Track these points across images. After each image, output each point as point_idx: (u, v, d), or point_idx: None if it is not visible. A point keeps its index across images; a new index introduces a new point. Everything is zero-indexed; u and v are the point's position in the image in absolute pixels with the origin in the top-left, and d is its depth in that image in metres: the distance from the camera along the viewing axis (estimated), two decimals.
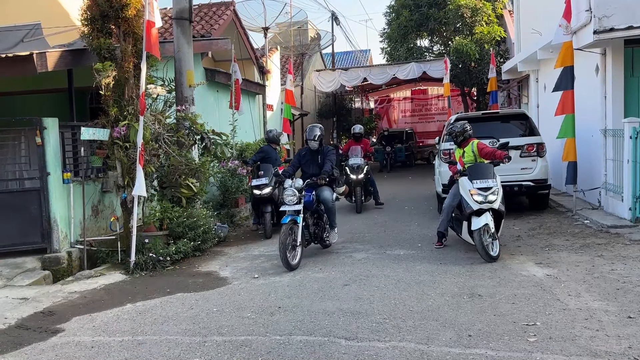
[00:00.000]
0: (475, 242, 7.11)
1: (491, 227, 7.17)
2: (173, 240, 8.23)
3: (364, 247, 8.59)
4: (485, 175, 7.42)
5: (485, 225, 7.09)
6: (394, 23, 22.33)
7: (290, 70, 16.15)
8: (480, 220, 7.11)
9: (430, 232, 9.44)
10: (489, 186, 7.28)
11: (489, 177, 7.37)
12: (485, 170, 7.51)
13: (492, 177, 7.40)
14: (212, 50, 12.52)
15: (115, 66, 7.53)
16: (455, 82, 20.96)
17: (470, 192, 7.32)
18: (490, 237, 7.20)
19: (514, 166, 10.32)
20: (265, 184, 9.74)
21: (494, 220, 7.27)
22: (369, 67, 22.07)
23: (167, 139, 7.89)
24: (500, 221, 7.56)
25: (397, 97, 33.70)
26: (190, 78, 9.73)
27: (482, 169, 7.53)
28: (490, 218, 7.18)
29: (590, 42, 9.24)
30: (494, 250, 7.20)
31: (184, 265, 7.96)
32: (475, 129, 10.81)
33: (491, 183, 7.32)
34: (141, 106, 7.33)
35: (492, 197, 7.24)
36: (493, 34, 19.93)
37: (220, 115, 13.03)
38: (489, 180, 7.34)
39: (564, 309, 5.23)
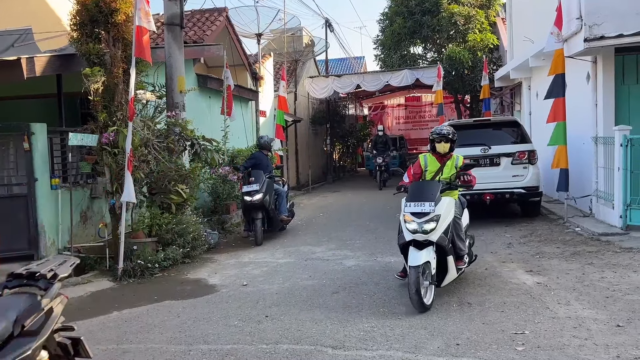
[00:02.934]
0: (409, 281, 5.46)
1: (432, 267, 5.66)
2: (162, 247, 8.16)
3: (355, 254, 8.54)
4: (425, 196, 5.82)
5: (425, 264, 5.55)
6: (388, 30, 22.37)
7: (283, 76, 16.12)
8: (419, 256, 5.56)
9: None
10: (425, 211, 5.66)
11: (427, 199, 5.75)
12: (426, 189, 5.96)
13: (433, 199, 5.75)
14: (204, 56, 12.50)
15: (104, 72, 7.49)
16: (448, 89, 20.99)
17: (404, 217, 5.85)
18: (428, 280, 5.61)
19: (505, 173, 10.36)
20: (256, 190, 9.69)
21: (438, 258, 5.77)
22: (362, 73, 22.11)
23: (156, 145, 7.83)
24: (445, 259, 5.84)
25: (391, 104, 33.83)
26: (181, 84, 9.69)
27: (423, 188, 6.01)
28: (432, 255, 5.66)
29: (581, 50, 9.27)
30: (428, 298, 5.58)
31: (173, 272, 7.89)
32: (467, 136, 10.89)
33: (428, 207, 5.68)
34: (130, 112, 7.28)
35: (429, 226, 5.63)
36: (486, 41, 19.98)
37: (212, 121, 12.98)
38: (425, 204, 5.70)
39: (553, 317, 5.20)
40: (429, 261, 5.59)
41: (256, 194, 9.67)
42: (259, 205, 9.70)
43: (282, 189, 10.63)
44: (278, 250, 9.15)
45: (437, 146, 6.37)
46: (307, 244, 9.56)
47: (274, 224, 10.25)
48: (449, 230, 5.85)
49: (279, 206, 10.36)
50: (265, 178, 9.95)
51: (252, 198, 9.66)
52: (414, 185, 6.16)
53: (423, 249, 5.63)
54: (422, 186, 6.10)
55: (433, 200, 5.73)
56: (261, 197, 9.67)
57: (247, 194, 9.73)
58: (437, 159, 6.40)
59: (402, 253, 5.98)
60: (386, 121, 33.58)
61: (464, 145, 10.54)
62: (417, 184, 6.18)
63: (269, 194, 9.90)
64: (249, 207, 9.81)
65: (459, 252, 6.05)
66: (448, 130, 6.43)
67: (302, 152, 22.57)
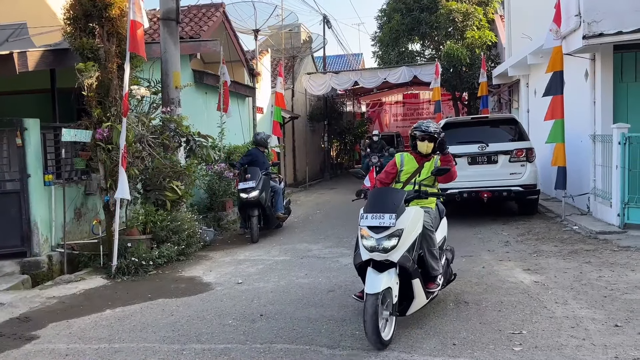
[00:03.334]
0: (364, 311, 4.41)
1: (394, 294, 4.58)
2: (157, 245, 8.09)
3: (351, 252, 8.38)
4: (385, 206, 4.70)
5: (386, 291, 4.49)
6: (386, 27, 22.29)
7: (280, 72, 16.04)
8: (377, 281, 4.48)
9: None
10: (385, 225, 4.56)
11: (388, 210, 4.63)
12: (387, 198, 4.83)
13: (394, 209, 4.63)
14: (200, 52, 12.40)
15: (98, 67, 7.39)
16: (446, 87, 20.93)
17: (360, 231, 4.78)
18: (389, 310, 4.59)
19: (503, 171, 10.31)
20: (252, 187, 9.62)
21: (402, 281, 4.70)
22: (360, 70, 22.02)
23: (151, 141, 7.74)
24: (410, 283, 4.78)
25: (389, 101, 33.74)
26: (176, 79, 9.60)
27: (383, 196, 4.88)
28: (394, 279, 4.57)
29: (579, 47, 9.20)
30: (387, 332, 4.56)
31: (167, 269, 7.82)
32: (465, 133, 10.86)
33: (388, 220, 4.56)
34: (124, 107, 7.19)
35: (389, 243, 4.54)
36: (484, 38, 19.91)
37: (208, 117, 12.90)
38: (385, 216, 4.59)
39: (550, 317, 5.14)
40: (390, 287, 4.53)
41: (252, 191, 9.60)
42: (255, 203, 9.63)
43: (279, 186, 10.57)
44: (274, 248, 9.08)
45: (418, 145, 5.42)
46: (304, 242, 9.50)
47: (270, 221, 10.18)
48: (415, 247, 4.79)
49: (276, 203, 10.30)
50: (261, 175, 9.88)
51: (248, 195, 9.58)
52: (373, 193, 5.05)
53: (384, 271, 4.56)
54: (383, 194, 4.99)
55: (394, 212, 4.61)
56: (257, 194, 9.60)
57: (243, 190, 9.65)
58: (416, 158, 5.48)
59: (360, 275, 5.00)
60: (384, 118, 33.54)
61: (461, 143, 10.53)
62: (377, 191, 5.08)
63: (265, 191, 9.83)
64: (245, 204, 9.73)
65: (431, 272, 5.01)
66: (435, 127, 5.42)
67: (300, 149, 22.51)
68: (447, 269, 5.64)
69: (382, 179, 5.58)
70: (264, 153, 10.62)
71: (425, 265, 4.99)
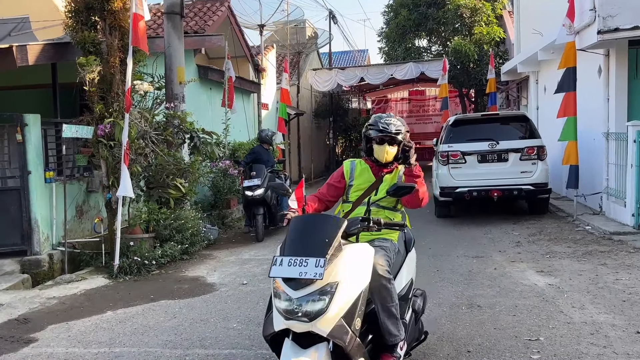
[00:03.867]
0: None
1: None
2: (160, 243, 7.91)
3: None
4: (311, 245, 2.94)
5: None
6: (392, 22, 22.03)
7: (286, 68, 15.85)
8: None
9: (427, 237, 9.16)
10: (308, 276, 2.80)
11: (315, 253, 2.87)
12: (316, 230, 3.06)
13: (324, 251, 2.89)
14: (205, 47, 12.21)
15: (100, 61, 7.20)
16: (453, 83, 20.68)
17: (274, 284, 3.00)
18: None
19: (513, 169, 10.08)
20: (257, 185, 9.45)
21: None
22: (366, 66, 21.76)
23: (154, 138, 7.55)
24: None
25: (395, 97, 33.44)
26: (180, 75, 9.42)
27: (310, 228, 3.10)
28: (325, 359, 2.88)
29: (594, 42, 8.96)
30: None
31: (171, 269, 7.64)
32: (475, 130, 10.64)
33: (312, 270, 2.80)
34: (127, 103, 7.01)
35: (314, 307, 2.83)
36: (492, 34, 19.64)
37: (213, 113, 12.71)
38: (309, 262, 2.82)
39: (568, 322, 4.94)
40: None
41: (257, 189, 9.43)
42: (260, 200, 9.45)
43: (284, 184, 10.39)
44: None
45: (375, 149, 3.78)
46: None
47: (276, 219, 10.01)
48: (358, 309, 3.00)
49: (281, 201, 10.12)
50: (266, 173, 9.74)
51: (253, 193, 9.42)
52: (295, 223, 3.18)
53: (309, 347, 2.90)
54: (310, 224, 3.16)
55: (324, 254, 2.88)
56: (262, 192, 9.43)
57: (248, 188, 9.49)
58: (372, 169, 3.85)
59: (273, 350, 3.16)
60: None
61: (471, 140, 10.32)
62: (301, 220, 3.21)
63: (270, 187, 9.65)
64: (250, 202, 9.56)
65: (387, 338, 3.36)
66: (398, 125, 3.74)
67: (305, 145, 22.30)
68: (415, 327, 3.96)
69: (321, 197, 3.88)
70: (268, 150, 10.45)
71: (383, 328, 3.35)
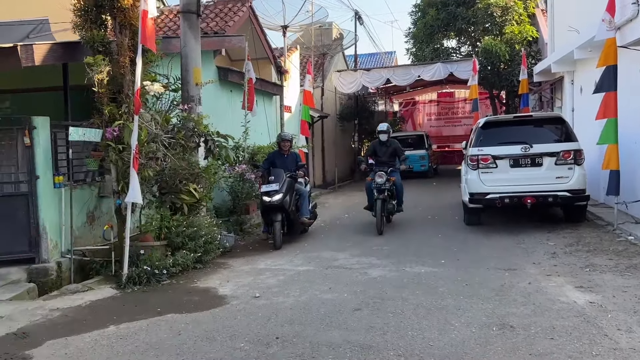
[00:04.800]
0: None
1: None
2: (171, 252, 7.55)
3: (381, 262, 7.78)
4: None
5: None
6: (420, 22, 21.47)
7: (309, 70, 15.44)
8: None
9: (455, 246, 8.61)
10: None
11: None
12: None
13: None
14: (224, 47, 11.86)
15: (109, 61, 6.89)
16: (483, 85, 20.01)
17: None
18: None
19: (548, 174, 9.46)
20: (275, 191, 9.03)
21: None
22: (393, 67, 21.19)
23: (165, 141, 7.19)
24: None
25: (423, 99, 32.80)
26: (197, 76, 9.08)
27: None
28: None
29: (637, 38, 8.31)
30: None
31: (182, 279, 7.27)
32: (507, 133, 10.04)
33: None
34: (136, 104, 6.66)
35: None
36: (524, 33, 18.92)
37: (233, 116, 12.36)
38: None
39: (614, 348, 4.37)
40: None
41: (275, 195, 9.01)
42: (278, 207, 9.02)
43: (304, 189, 9.93)
44: (297, 256, 8.45)
45: None
46: (329, 249, 8.84)
47: (294, 226, 9.58)
48: None
49: (300, 207, 9.71)
50: (285, 177, 9.28)
51: (271, 199, 9.00)
52: None
53: None
54: None
55: None
56: (281, 198, 9.00)
57: (266, 194, 9.08)
58: None
59: None
60: (417, 118, 32.61)
61: (503, 144, 9.74)
62: None
63: (289, 194, 9.22)
64: (267, 208, 9.13)
65: None
66: None
67: (329, 149, 21.86)
68: None
69: None
70: (286, 154, 9.94)
71: None
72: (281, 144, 9.87)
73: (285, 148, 9.87)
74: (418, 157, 20.48)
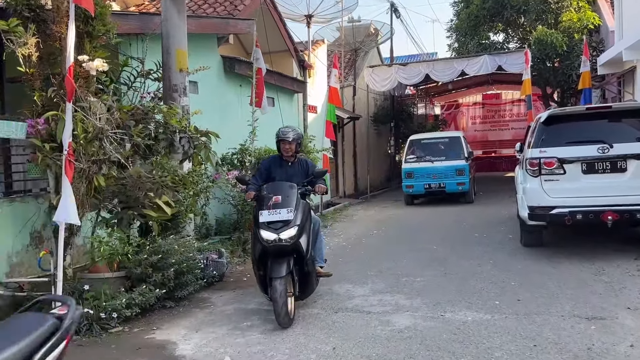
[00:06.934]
0: None
1: None
2: (131, 285, 5.70)
3: (411, 303, 5.71)
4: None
5: None
6: (463, 13, 19.23)
7: (335, 64, 13.52)
8: None
9: (513, 278, 6.47)
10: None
11: None
12: None
13: None
14: (229, 32, 10.04)
15: (37, 30, 5.10)
16: (536, 81, 17.61)
17: None
18: None
19: (634, 183, 7.21)
20: (285, 221, 5.19)
21: None
22: (432, 61, 18.88)
23: (111, 138, 5.33)
24: None
25: (467, 102, 30.38)
26: (181, 60, 7.26)
27: None
28: None
29: None
30: None
31: (141, 324, 5.39)
32: (578, 130, 7.83)
33: None
34: (68, 87, 4.83)
35: None
36: (585, 21, 16.45)
37: (242, 113, 10.50)
38: None
39: None
40: None
41: (285, 229, 5.16)
42: (289, 251, 5.21)
43: (316, 217, 6.03)
44: None
45: None
46: (345, 280, 6.80)
47: (309, 284, 5.60)
48: None
49: (314, 248, 5.69)
50: (298, 196, 5.47)
51: (278, 235, 5.12)
52: None
53: None
54: None
55: None
56: (295, 235, 5.17)
57: (268, 227, 5.19)
58: None
59: None
60: (460, 121, 30.19)
61: (572, 143, 7.54)
62: None
63: (307, 226, 5.40)
64: (267, 252, 5.22)
65: None
66: None
67: (361, 154, 19.80)
68: None
69: None
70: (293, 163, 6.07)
71: None
72: (281, 146, 6.01)
73: (288, 153, 5.99)
74: (453, 170, 14.21)
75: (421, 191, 14.48)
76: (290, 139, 5.93)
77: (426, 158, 14.50)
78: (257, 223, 5.27)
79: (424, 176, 14.29)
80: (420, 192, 14.56)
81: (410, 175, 14.54)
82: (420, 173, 14.34)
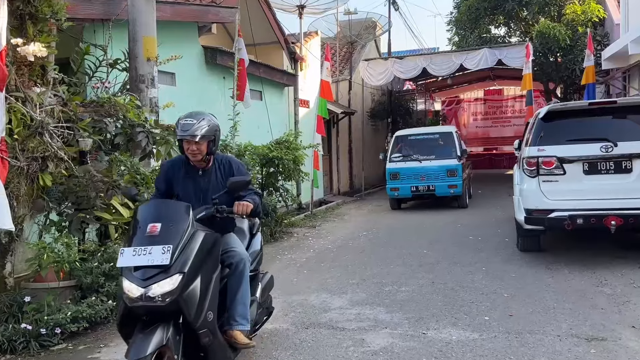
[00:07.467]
0: None
1: None
2: (83, 296, 5.15)
3: (391, 317, 5.15)
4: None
5: None
6: (463, 5, 18.61)
7: (327, 56, 12.94)
8: None
9: (506, 289, 5.91)
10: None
11: None
12: None
13: None
14: (210, 20, 9.47)
15: None
16: (538, 76, 16.99)
17: None
18: None
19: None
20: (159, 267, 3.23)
21: None
22: (430, 54, 18.21)
23: (53, 132, 4.77)
24: None
25: (468, 98, 29.76)
26: (149, 48, 6.71)
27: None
28: None
29: None
30: None
31: (87, 340, 4.84)
32: (579, 126, 7.25)
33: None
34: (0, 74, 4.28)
35: None
36: (589, 13, 15.82)
37: (226, 109, 9.93)
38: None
39: None
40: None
41: (160, 279, 3.21)
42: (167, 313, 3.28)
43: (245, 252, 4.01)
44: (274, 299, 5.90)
45: None
46: (324, 289, 6.24)
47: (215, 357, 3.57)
48: None
49: (232, 302, 3.82)
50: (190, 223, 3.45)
51: (147, 291, 3.19)
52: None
53: None
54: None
55: None
56: (175, 289, 3.22)
57: (134, 276, 3.25)
58: None
59: None
60: (461, 117, 29.57)
61: (573, 141, 6.96)
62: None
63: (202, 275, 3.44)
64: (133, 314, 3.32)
65: None
66: None
67: (357, 151, 19.20)
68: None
69: None
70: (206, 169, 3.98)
71: None
72: (184, 147, 3.87)
73: (196, 156, 3.87)
74: (444, 171, 12.59)
75: (408, 195, 12.91)
76: (198, 137, 3.71)
77: (413, 157, 12.93)
78: (121, 266, 3.35)
79: (411, 177, 12.70)
80: (407, 196, 13.03)
81: (395, 176, 12.94)
82: (407, 174, 12.74)
